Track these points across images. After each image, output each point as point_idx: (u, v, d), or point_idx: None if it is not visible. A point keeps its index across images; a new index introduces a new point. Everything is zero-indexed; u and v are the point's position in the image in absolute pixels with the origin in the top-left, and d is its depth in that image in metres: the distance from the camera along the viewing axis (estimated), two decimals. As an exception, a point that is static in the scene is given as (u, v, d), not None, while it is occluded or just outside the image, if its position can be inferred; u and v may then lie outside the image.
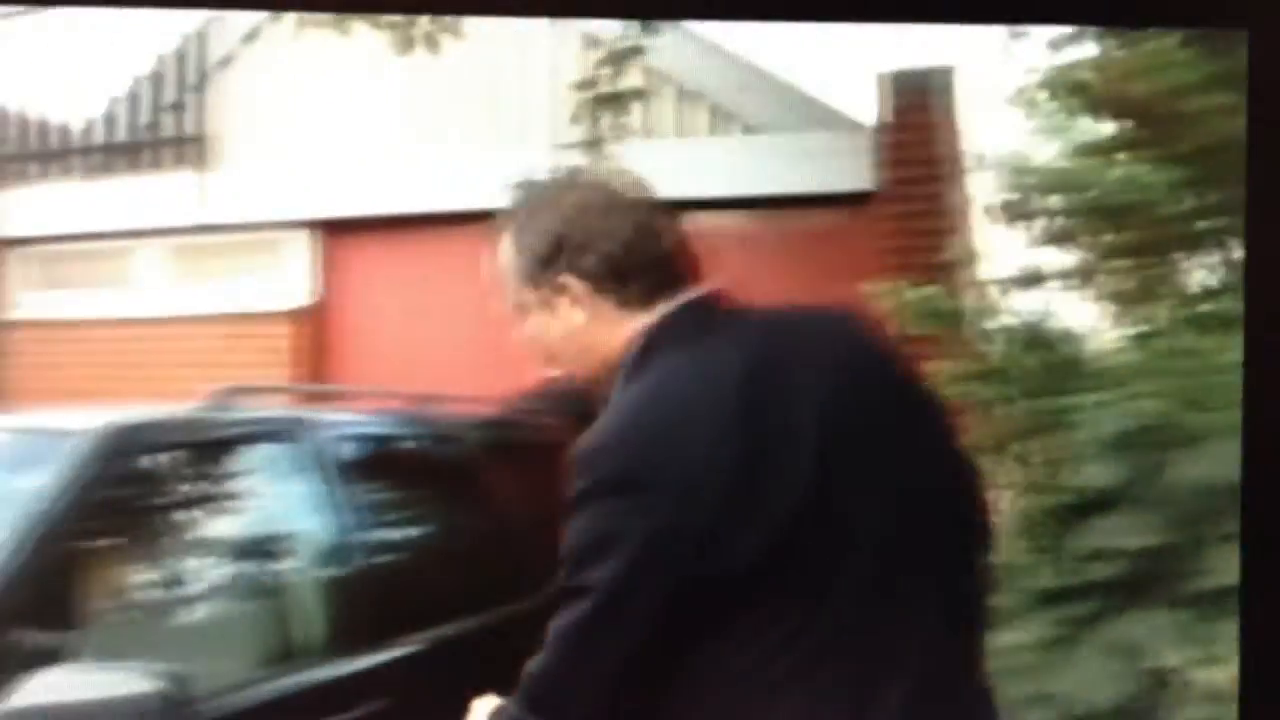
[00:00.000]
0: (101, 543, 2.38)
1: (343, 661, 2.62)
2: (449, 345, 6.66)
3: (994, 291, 4.60)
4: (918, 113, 5.83)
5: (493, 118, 6.84)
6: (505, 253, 1.89)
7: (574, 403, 3.31)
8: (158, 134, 7.65)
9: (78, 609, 2.26)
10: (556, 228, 1.80)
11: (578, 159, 4.88)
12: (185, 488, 2.57)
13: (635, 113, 5.89)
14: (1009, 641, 3.65)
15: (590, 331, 1.83)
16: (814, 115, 6.19)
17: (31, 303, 7.90)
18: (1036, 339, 4.36)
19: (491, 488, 3.01)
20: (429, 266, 6.87)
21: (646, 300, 1.80)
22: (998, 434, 4.21)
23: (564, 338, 1.85)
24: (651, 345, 1.76)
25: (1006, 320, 4.48)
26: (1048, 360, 4.25)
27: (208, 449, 2.58)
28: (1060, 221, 4.40)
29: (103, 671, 2.00)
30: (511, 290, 1.89)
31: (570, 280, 1.79)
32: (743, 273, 5.95)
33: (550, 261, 1.80)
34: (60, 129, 7.97)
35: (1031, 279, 4.52)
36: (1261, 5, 1.98)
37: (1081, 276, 4.48)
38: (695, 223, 5.88)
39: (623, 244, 1.80)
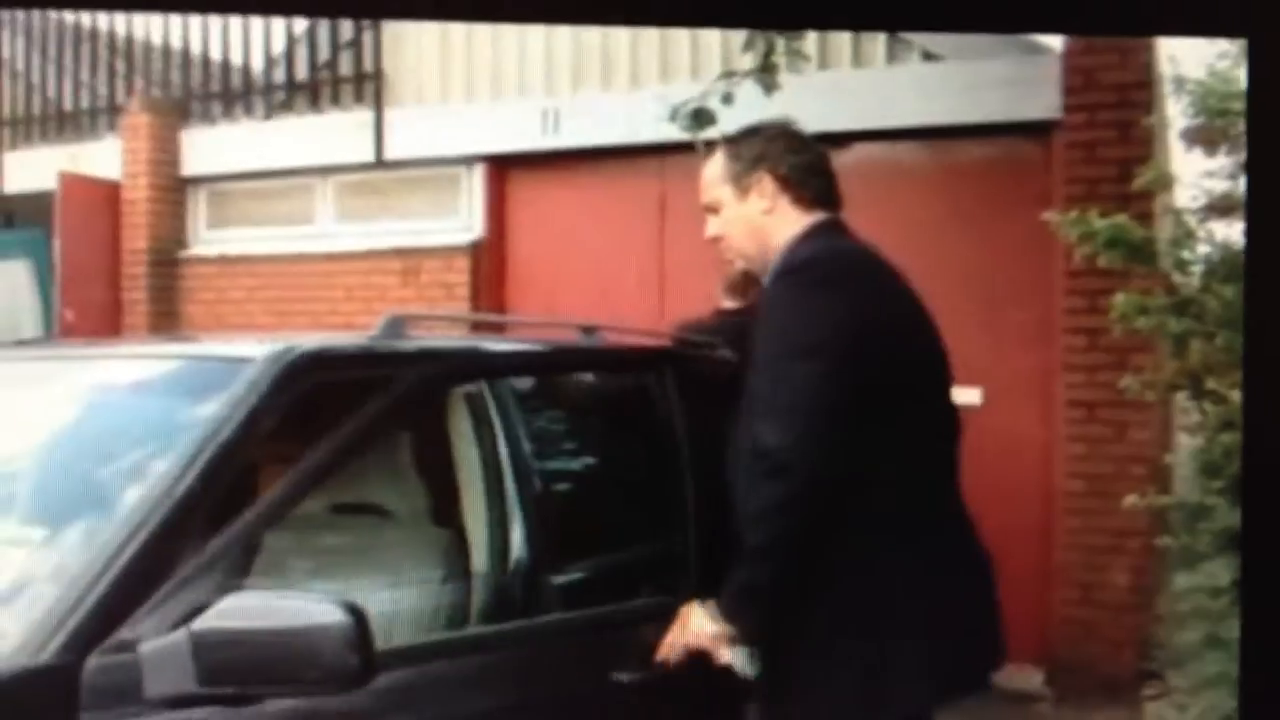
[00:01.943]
0: (276, 468, 2.39)
1: (511, 588, 2.62)
2: (618, 279, 6.66)
3: (1190, 220, 4.37)
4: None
5: (664, 46, 6.77)
6: (718, 160, 2.60)
7: (731, 336, 3.25)
8: (336, 72, 7.77)
9: (253, 533, 2.26)
10: (762, 144, 2.56)
11: (750, 88, 4.77)
12: (359, 414, 2.56)
13: (810, 40, 5.75)
14: (1187, 584, 3.53)
15: (767, 220, 2.53)
16: (996, 41, 5.95)
17: (215, 239, 8.13)
18: (1235, 269, 4.15)
19: (660, 416, 2.96)
20: (601, 200, 6.87)
21: (811, 206, 2.53)
22: (1191, 368, 4.03)
23: (745, 222, 2.55)
24: (815, 233, 2.50)
25: (1203, 250, 4.27)
26: (1247, 291, 4.04)
27: (382, 376, 2.58)
28: (1264, 146, 4.14)
29: (293, 599, 1.99)
30: (714, 188, 2.59)
31: (765, 176, 2.52)
32: (924, 204, 5.76)
33: (754, 164, 2.53)
34: (242, 69, 8.16)
35: (1231, 206, 4.28)
36: (1261, 13, 2.08)
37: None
38: (874, 153, 5.68)
39: (806, 163, 2.55)
